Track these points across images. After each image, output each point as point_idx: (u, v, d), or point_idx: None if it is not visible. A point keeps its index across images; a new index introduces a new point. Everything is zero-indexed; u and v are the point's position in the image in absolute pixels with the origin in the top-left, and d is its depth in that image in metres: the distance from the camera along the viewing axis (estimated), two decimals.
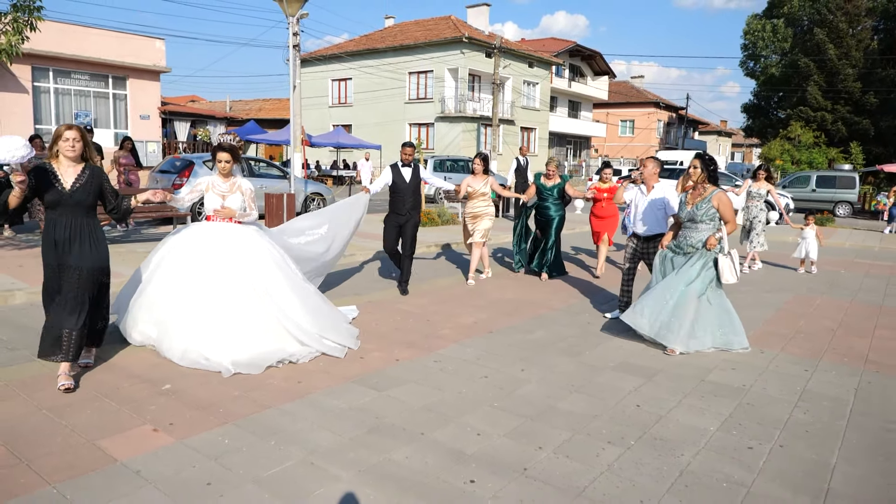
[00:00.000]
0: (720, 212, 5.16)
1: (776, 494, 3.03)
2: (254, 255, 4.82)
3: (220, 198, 4.87)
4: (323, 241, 6.18)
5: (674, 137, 56.99)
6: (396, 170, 7.11)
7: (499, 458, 3.28)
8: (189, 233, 4.92)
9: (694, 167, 5.27)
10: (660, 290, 5.25)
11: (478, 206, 7.80)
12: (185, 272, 4.67)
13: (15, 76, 20.25)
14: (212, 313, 4.53)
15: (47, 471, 3.00)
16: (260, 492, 2.88)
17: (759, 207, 9.50)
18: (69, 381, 3.97)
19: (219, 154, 4.90)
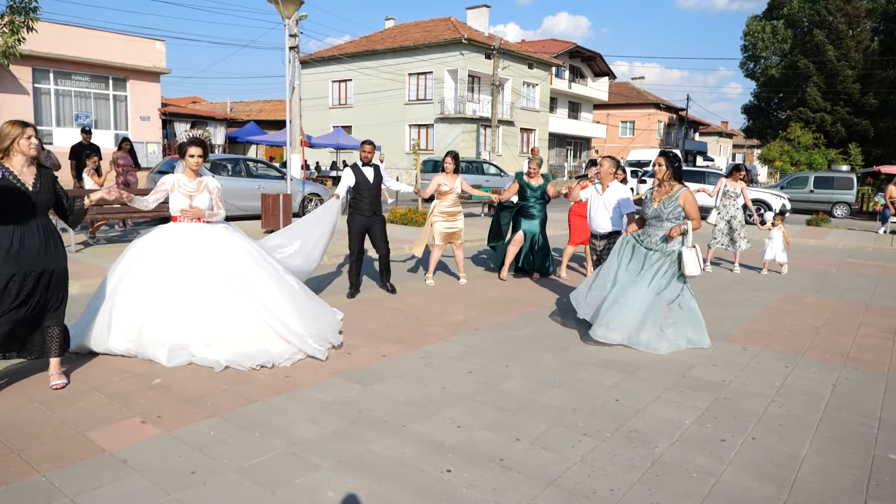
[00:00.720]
0: (686, 210, 5.24)
1: (743, 484, 3.12)
2: (230, 252, 4.70)
3: (187, 198, 4.68)
4: (298, 256, 5.98)
5: (674, 139, 57.04)
6: (358, 170, 6.93)
7: (477, 450, 3.38)
8: (157, 235, 4.72)
9: (659, 165, 5.33)
10: (628, 303, 5.17)
11: (452, 206, 7.59)
12: (159, 275, 4.50)
13: (16, 77, 20.39)
14: (191, 313, 4.44)
15: (37, 460, 3.10)
16: (241, 480, 2.98)
17: (736, 206, 9.52)
18: (64, 379, 4.05)
19: (190, 148, 4.69)
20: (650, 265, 5.26)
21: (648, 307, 5.18)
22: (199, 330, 4.46)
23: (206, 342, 4.46)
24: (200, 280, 4.51)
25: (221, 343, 4.48)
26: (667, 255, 5.26)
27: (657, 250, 5.28)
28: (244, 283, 4.64)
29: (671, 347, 5.21)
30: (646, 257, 5.30)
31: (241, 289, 4.61)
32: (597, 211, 6.27)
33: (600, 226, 6.24)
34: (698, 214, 5.31)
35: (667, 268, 5.25)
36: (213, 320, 4.49)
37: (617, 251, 5.46)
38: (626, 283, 5.28)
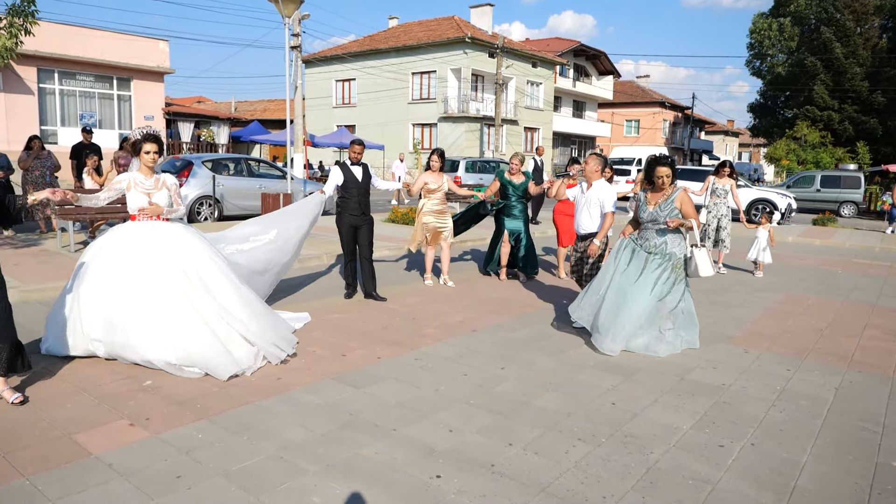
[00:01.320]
0: (683, 211, 5.13)
1: (741, 491, 3.04)
2: (190, 252, 4.55)
3: (145, 196, 4.55)
4: (271, 246, 5.80)
5: (679, 137, 56.79)
6: (347, 169, 6.80)
7: (468, 455, 3.32)
8: (116, 235, 4.58)
9: (667, 176, 5.14)
10: (630, 312, 5.04)
11: (439, 204, 7.48)
12: (118, 277, 4.36)
13: (21, 78, 20.46)
14: (154, 312, 4.28)
15: (22, 463, 3.06)
16: (227, 484, 2.93)
17: (726, 205, 9.37)
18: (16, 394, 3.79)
19: (145, 145, 4.51)
20: (651, 270, 5.11)
21: (650, 314, 5.08)
22: (160, 331, 4.28)
23: (168, 344, 4.26)
24: (158, 280, 4.36)
25: (182, 346, 4.27)
26: (668, 260, 5.14)
27: (657, 253, 5.15)
28: (202, 279, 4.49)
29: (670, 349, 5.15)
30: (646, 261, 5.15)
31: (198, 285, 4.45)
32: (580, 211, 6.12)
33: (582, 226, 6.08)
34: (696, 213, 5.24)
35: (668, 273, 5.12)
36: (174, 321, 4.29)
37: (615, 254, 5.29)
38: (624, 286, 5.12)
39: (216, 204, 12.60)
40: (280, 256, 5.92)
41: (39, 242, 9.30)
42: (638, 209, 5.37)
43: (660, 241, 5.18)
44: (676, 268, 5.16)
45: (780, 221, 17.53)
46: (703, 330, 6.00)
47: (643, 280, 5.10)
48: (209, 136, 28.14)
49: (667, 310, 5.11)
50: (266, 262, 5.75)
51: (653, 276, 5.10)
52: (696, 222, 5.16)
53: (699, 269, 5.12)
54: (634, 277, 5.13)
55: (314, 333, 5.46)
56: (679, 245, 5.18)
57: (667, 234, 5.18)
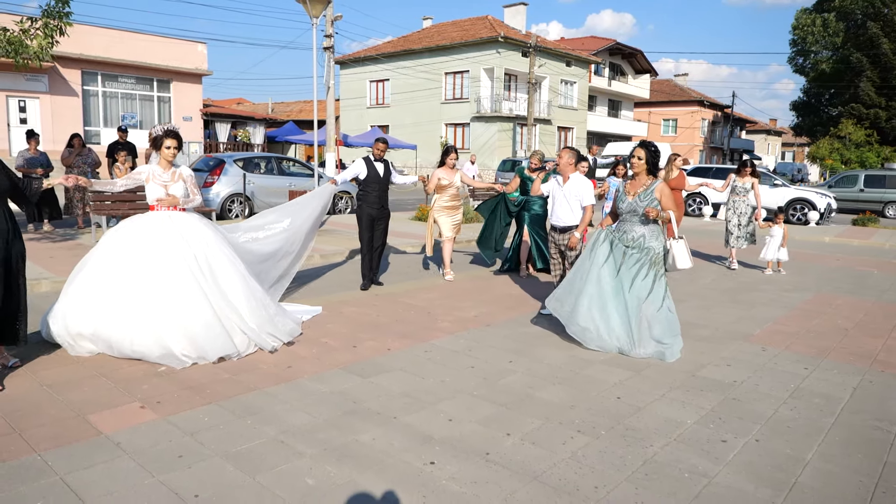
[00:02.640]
0: (662, 203, 4.94)
1: (737, 486, 3.00)
2: (202, 241, 4.73)
3: (162, 187, 4.79)
4: (284, 235, 5.97)
5: (719, 136, 55.62)
6: (370, 164, 7.02)
7: (464, 443, 3.34)
8: (132, 224, 4.75)
9: (638, 158, 5.01)
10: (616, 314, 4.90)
11: (453, 199, 7.65)
12: (127, 263, 4.50)
13: (66, 80, 21.24)
14: (160, 302, 4.40)
15: (36, 440, 3.21)
16: (225, 464, 3.02)
17: (746, 203, 9.19)
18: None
19: (166, 140, 4.81)
20: (629, 266, 4.92)
21: (630, 312, 4.86)
22: (164, 320, 4.38)
23: (171, 328, 4.38)
24: (171, 266, 4.52)
25: (184, 328, 4.40)
26: (646, 254, 4.92)
27: (635, 247, 4.95)
28: (212, 270, 4.66)
29: (646, 354, 4.85)
30: (624, 255, 4.96)
31: (209, 276, 4.62)
32: (557, 204, 6.05)
33: (560, 219, 6.00)
34: (675, 206, 5.06)
35: (647, 269, 4.91)
36: (178, 311, 4.41)
37: (590, 247, 5.11)
38: (605, 281, 4.91)
39: (247, 201, 12.87)
40: (293, 244, 6.11)
41: (76, 237, 9.67)
42: (616, 200, 5.18)
43: (638, 235, 4.98)
44: (655, 263, 4.94)
45: (819, 222, 17.03)
46: (720, 328, 5.92)
47: (622, 275, 4.93)
48: (245, 136, 28.73)
49: (653, 309, 4.87)
50: (279, 249, 5.93)
51: (631, 272, 4.91)
52: (678, 213, 5.02)
53: (676, 262, 4.96)
54: (613, 272, 4.94)
55: (328, 325, 5.55)
56: (658, 239, 4.99)
57: (645, 227, 4.98)
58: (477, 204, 15.37)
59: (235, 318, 4.65)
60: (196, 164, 13.77)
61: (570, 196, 5.93)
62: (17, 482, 2.81)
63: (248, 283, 4.89)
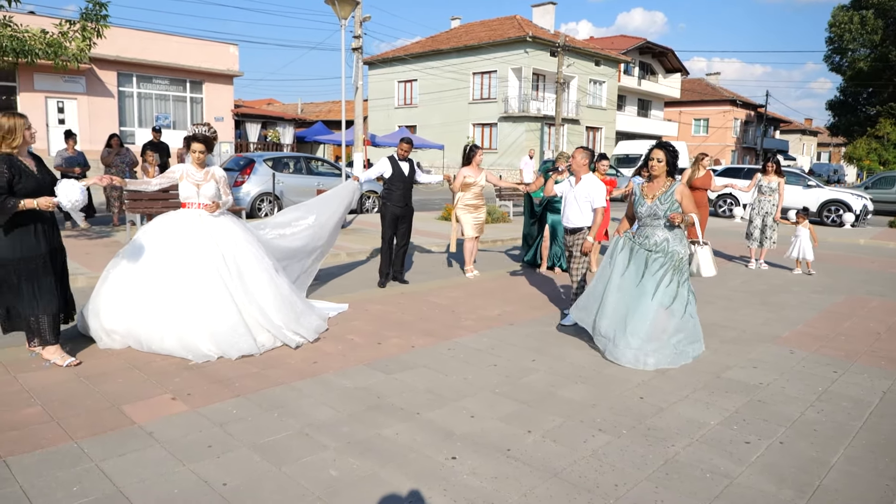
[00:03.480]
0: (683, 206, 4.77)
1: (759, 487, 2.98)
2: (230, 241, 4.86)
3: (194, 186, 4.93)
4: (310, 231, 6.14)
5: (752, 136, 54.59)
6: (395, 163, 7.19)
7: (486, 439, 3.38)
8: (162, 222, 4.91)
9: (658, 160, 4.83)
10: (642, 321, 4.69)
11: (477, 198, 7.71)
12: (158, 262, 4.66)
13: (102, 82, 21.80)
14: (187, 302, 4.53)
15: (73, 428, 3.34)
16: (252, 455, 3.11)
17: (772, 203, 9.05)
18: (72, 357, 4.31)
19: (193, 144, 4.96)
20: (652, 272, 4.73)
21: (650, 321, 4.67)
22: (190, 319, 4.52)
23: (197, 328, 4.51)
24: (199, 265, 4.65)
25: (209, 329, 4.52)
26: (670, 259, 4.74)
27: (659, 252, 4.77)
28: (239, 269, 4.79)
29: (664, 362, 4.66)
30: (647, 260, 4.77)
31: (235, 275, 4.74)
32: (568, 205, 5.95)
33: (569, 220, 5.91)
34: (695, 208, 4.88)
35: (671, 275, 4.72)
36: (204, 310, 4.55)
37: (610, 255, 4.98)
38: (628, 291, 4.77)
39: (276, 200, 13.07)
40: (317, 240, 6.25)
41: (111, 234, 9.95)
42: (634, 204, 5.01)
43: (661, 239, 4.79)
44: (679, 268, 4.76)
45: (855, 224, 16.64)
46: (748, 330, 5.85)
47: (645, 282, 4.73)
48: (275, 136, 29.14)
49: (676, 319, 4.72)
50: (305, 245, 6.07)
51: (655, 279, 4.72)
52: (698, 217, 4.83)
53: (701, 269, 4.78)
54: (636, 280, 4.77)
55: (354, 322, 5.64)
56: (682, 243, 4.81)
57: (668, 231, 4.81)
58: (502, 204, 15.44)
59: (261, 316, 4.77)
60: (227, 164, 14.04)
61: (581, 197, 5.82)
62: (56, 468, 2.93)
63: (275, 282, 5.01)
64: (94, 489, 2.76)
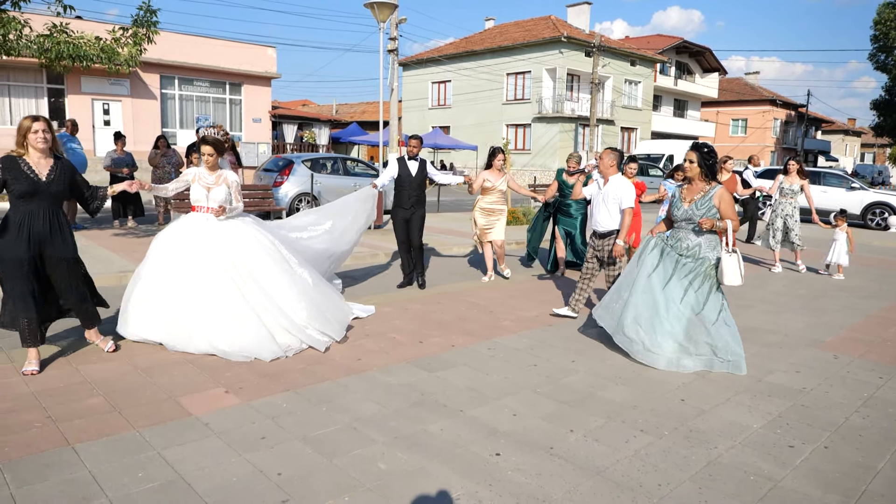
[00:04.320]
0: (721, 211, 4.64)
1: (804, 490, 2.99)
2: (239, 244, 4.82)
3: (205, 189, 4.87)
4: (327, 236, 6.06)
5: (792, 137, 53.32)
6: (402, 163, 7.04)
7: (529, 437, 3.45)
8: (174, 228, 4.92)
9: (690, 161, 4.72)
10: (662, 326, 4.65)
11: (494, 203, 7.45)
12: (171, 267, 4.69)
13: (146, 84, 22.43)
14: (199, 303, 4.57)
15: (134, 418, 3.51)
16: (304, 447, 3.23)
17: (793, 205, 8.83)
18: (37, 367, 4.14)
19: (202, 147, 4.91)
20: (681, 276, 4.68)
21: (679, 324, 4.62)
22: (206, 320, 4.56)
23: (210, 332, 4.54)
24: (208, 271, 4.65)
25: (224, 333, 4.54)
26: (701, 264, 4.67)
27: (690, 256, 4.70)
28: (251, 273, 4.76)
29: (701, 366, 4.62)
30: (677, 264, 4.71)
31: (247, 279, 4.72)
32: (597, 208, 5.83)
33: (599, 224, 5.79)
34: (736, 215, 4.73)
35: (700, 280, 4.65)
36: (219, 310, 4.57)
37: (639, 255, 4.90)
38: (653, 293, 4.70)
39: (314, 201, 13.31)
40: (336, 246, 6.16)
41: (156, 233, 10.27)
42: (672, 206, 4.91)
43: (693, 244, 4.71)
44: (710, 275, 4.67)
45: None
46: (790, 334, 5.79)
47: (672, 286, 4.68)
48: (311, 137, 29.58)
49: (708, 324, 4.61)
50: (322, 251, 5.98)
51: (683, 283, 4.66)
52: (735, 223, 4.66)
53: (725, 276, 4.58)
54: (663, 282, 4.71)
55: (395, 321, 5.76)
56: (715, 249, 4.70)
57: (702, 236, 4.72)
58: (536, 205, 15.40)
59: (283, 319, 4.75)
60: (266, 165, 14.34)
61: (609, 199, 5.72)
62: (120, 455, 3.10)
63: (295, 279, 4.96)
64: (157, 475, 2.92)
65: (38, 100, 20.95)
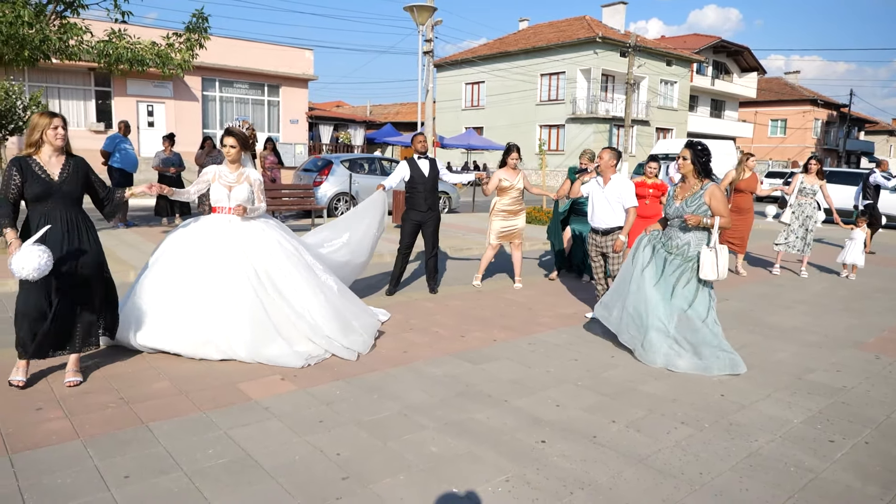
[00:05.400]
0: (712, 208, 4.65)
1: (844, 482, 3.07)
2: (260, 248, 4.60)
3: (226, 189, 4.61)
4: (346, 248, 5.83)
5: (834, 138, 52.05)
6: (413, 163, 6.66)
7: (572, 426, 3.59)
8: (190, 229, 4.66)
9: (683, 158, 4.75)
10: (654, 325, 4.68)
11: (512, 203, 7.11)
12: (184, 271, 4.46)
13: (188, 87, 23.07)
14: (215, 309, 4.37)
15: (199, 401, 3.75)
16: (359, 431, 3.43)
17: (813, 206, 8.66)
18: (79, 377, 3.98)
19: (225, 139, 4.61)
20: (670, 272, 4.74)
21: (670, 323, 4.66)
22: (221, 326, 4.37)
23: (227, 339, 4.37)
24: (226, 276, 4.44)
25: (241, 340, 4.37)
26: (688, 261, 4.72)
27: (679, 254, 4.75)
28: (272, 280, 4.56)
29: (694, 367, 4.56)
30: (665, 262, 4.78)
31: (268, 286, 4.53)
32: (598, 206, 5.89)
33: (601, 221, 5.85)
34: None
35: (688, 275, 4.70)
36: (234, 317, 4.39)
37: (633, 254, 4.98)
38: (643, 288, 4.77)
39: (352, 200, 13.60)
40: (356, 257, 5.95)
41: None
42: (665, 204, 4.96)
43: (682, 242, 4.75)
44: (696, 272, 4.69)
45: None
46: (830, 335, 5.79)
47: (662, 284, 4.75)
48: (346, 137, 30.04)
49: (698, 322, 4.65)
50: (344, 263, 5.77)
51: (669, 281, 4.72)
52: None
53: (701, 269, 4.59)
54: (653, 280, 4.76)
55: (436, 316, 5.94)
56: (700, 243, 4.72)
57: (691, 234, 4.74)
58: None
59: (308, 329, 4.57)
60: (305, 165, 14.69)
61: (612, 198, 5.77)
62: (190, 433, 3.33)
63: (320, 288, 4.77)
64: (226, 453, 3.14)
65: (87, 102, 21.74)
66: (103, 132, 20.65)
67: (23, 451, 3.08)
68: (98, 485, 2.79)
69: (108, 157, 10.21)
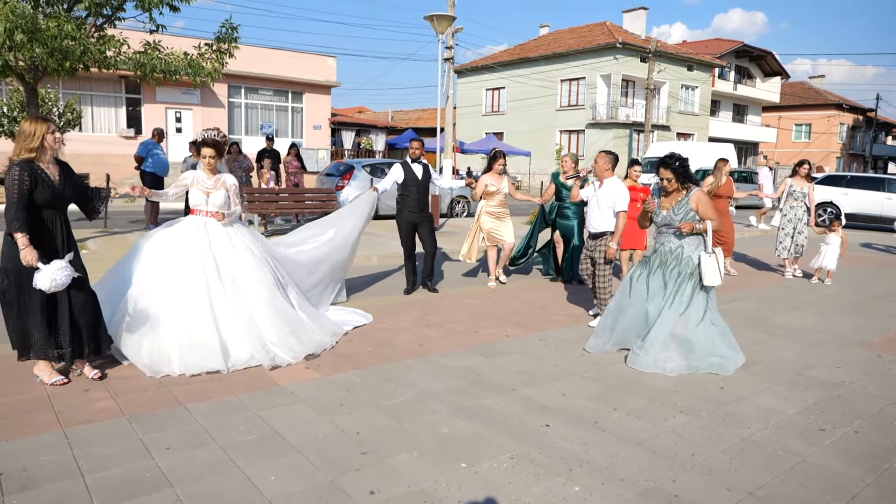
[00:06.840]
0: (700, 213, 4.73)
1: (830, 465, 3.27)
2: (228, 250, 4.73)
3: (203, 194, 4.79)
4: (329, 245, 6.04)
5: (860, 143, 51.35)
6: (407, 167, 6.99)
7: (575, 413, 3.83)
8: (160, 234, 4.80)
9: (668, 180, 4.80)
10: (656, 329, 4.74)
11: (499, 206, 7.46)
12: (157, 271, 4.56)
13: (215, 94, 23.69)
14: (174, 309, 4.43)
15: (230, 386, 4.08)
16: (377, 413, 3.72)
17: (803, 209, 8.73)
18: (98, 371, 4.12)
19: (203, 150, 4.78)
20: (671, 281, 4.79)
21: (667, 331, 4.70)
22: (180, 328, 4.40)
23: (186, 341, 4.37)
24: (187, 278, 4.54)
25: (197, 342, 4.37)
26: (685, 265, 4.77)
27: (674, 259, 4.81)
28: (235, 281, 4.66)
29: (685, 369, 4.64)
30: (664, 271, 4.84)
31: (228, 286, 4.62)
32: (591, 210, 5.96)
33: (592, 225, 5.89)
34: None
35: (685, 280, 4.76)
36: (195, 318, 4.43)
37: (628, 280, 5.04)
38: (645, 298, 4.84)
39: None
40: (339, 253, 6.15)
41: None
42: (652, 214, 4.99)
43: (675, 246, 4.83)
44: (693, 274, 4.77)
45: None
46: (836, 334, 5.94)
47: (658, 293, 4.82)
48: (368, 143, 30.51)
49: (692, 325, 4.69)
50: (325, 257, 5.96)
51: (669, 289, 4.79)
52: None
53: (704, 277, 4.67)
54: (659, 289, 4.83)
55: (452, 313, 6.22)
56: (698, 248, 4.79)
57: (683, 238, 4.81)
58: None
59: (244, 331, 4.54)
60: (329, 170, 15.09)
61: (603, 201, 5.79)
62: (224, 413, 3.65)
63: (272, 295, 4.81)
64: (256, 430, 3.45)
65: (118, 108, 22.45)
66: (133, 138, 21.33)
67: (75, 425, 3.42)
68: (143, 454, 3.12)
69: (140, 162, 10.69)
